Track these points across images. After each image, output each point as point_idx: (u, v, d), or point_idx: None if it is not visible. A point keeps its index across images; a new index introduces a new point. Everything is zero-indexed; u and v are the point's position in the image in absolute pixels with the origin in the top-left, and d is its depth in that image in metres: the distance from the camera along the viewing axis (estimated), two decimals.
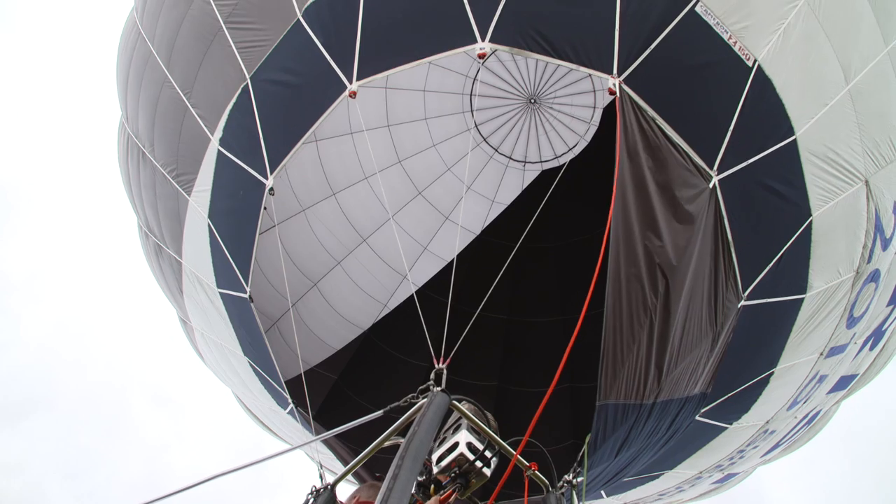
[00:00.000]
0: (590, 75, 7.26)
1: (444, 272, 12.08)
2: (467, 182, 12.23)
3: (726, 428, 7.06)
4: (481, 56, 5.79)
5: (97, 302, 35.05)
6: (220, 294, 7.36)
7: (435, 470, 4.21)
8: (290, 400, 7.27)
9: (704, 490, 9.16)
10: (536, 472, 4.55)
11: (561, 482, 4.74)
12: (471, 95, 11.67)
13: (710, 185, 5.73)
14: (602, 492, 7.54)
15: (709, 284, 5.68)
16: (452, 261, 12.09)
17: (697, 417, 6.44)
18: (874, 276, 7.02)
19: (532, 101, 11.76)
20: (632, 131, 5.53)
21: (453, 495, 4.09)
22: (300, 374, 9.75)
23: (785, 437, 8.26)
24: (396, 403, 4.58)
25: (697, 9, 5.79)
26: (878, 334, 7.97)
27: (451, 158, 12.06)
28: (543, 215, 10.91)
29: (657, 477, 7.72)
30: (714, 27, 5.83)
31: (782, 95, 5.95)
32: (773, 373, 6.70)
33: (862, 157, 6.38)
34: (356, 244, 11.42)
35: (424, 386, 4.64)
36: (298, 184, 10.39)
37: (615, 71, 5.67)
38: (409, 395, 4.60)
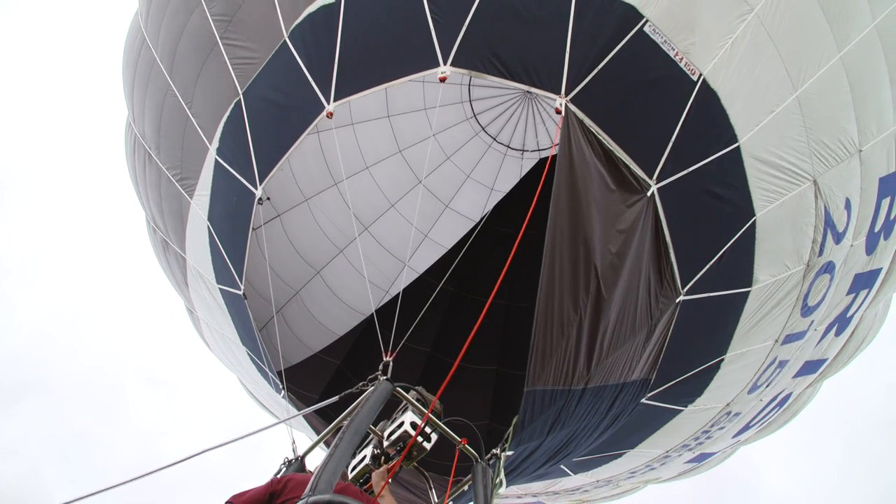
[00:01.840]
0: None
1: (445, 258, 12.97)
2: (458, 163, 13.03)
3: (681, 410, 7.79)
4: (442, 80, 6.54)
5: (91, 285, 36.86)
6: (220, 290, 8.28)
7: (385, 444, 5.33)
8: (281, 387, 8.35)
9: (680, 469, 9.99)
10: (466, 445, 5.53)
11: (489, 455, 5.63)
12: (469, 85, 12.53)
13: (648, 194, 6.39)
14: (566, 468, 8.51)
15: (644, 283, 6.35)
16: (452, 247, 13.07)
17: (645, 401, 7.21)
18: (828, 268, 7.64)
19: (529, 90, 12.46)
20: (576, 146, 6.25)
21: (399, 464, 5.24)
22: (301, 361, 10.91)
23: (755, 418, 9.05)
24: (350, 390, 5.61)
25: (646, 28, 6.37)
26: (842, 321, 8.70)
27: (450, 148, 12.89)
28: (541, 203, 11.81)
29: (620, 456, 8.49)
30: (661, 45, 6.42)
31: (726, 106, 6.54)
32: (723, 359, 7.38)
33: (809, 158, 6.94)
34: (358, 232, 12.23)
35: (373, 375, 5.62)
36: (301, 174, 11.14)
37: (563, 91, 6.42)
38: (361, 383, 5.57)
